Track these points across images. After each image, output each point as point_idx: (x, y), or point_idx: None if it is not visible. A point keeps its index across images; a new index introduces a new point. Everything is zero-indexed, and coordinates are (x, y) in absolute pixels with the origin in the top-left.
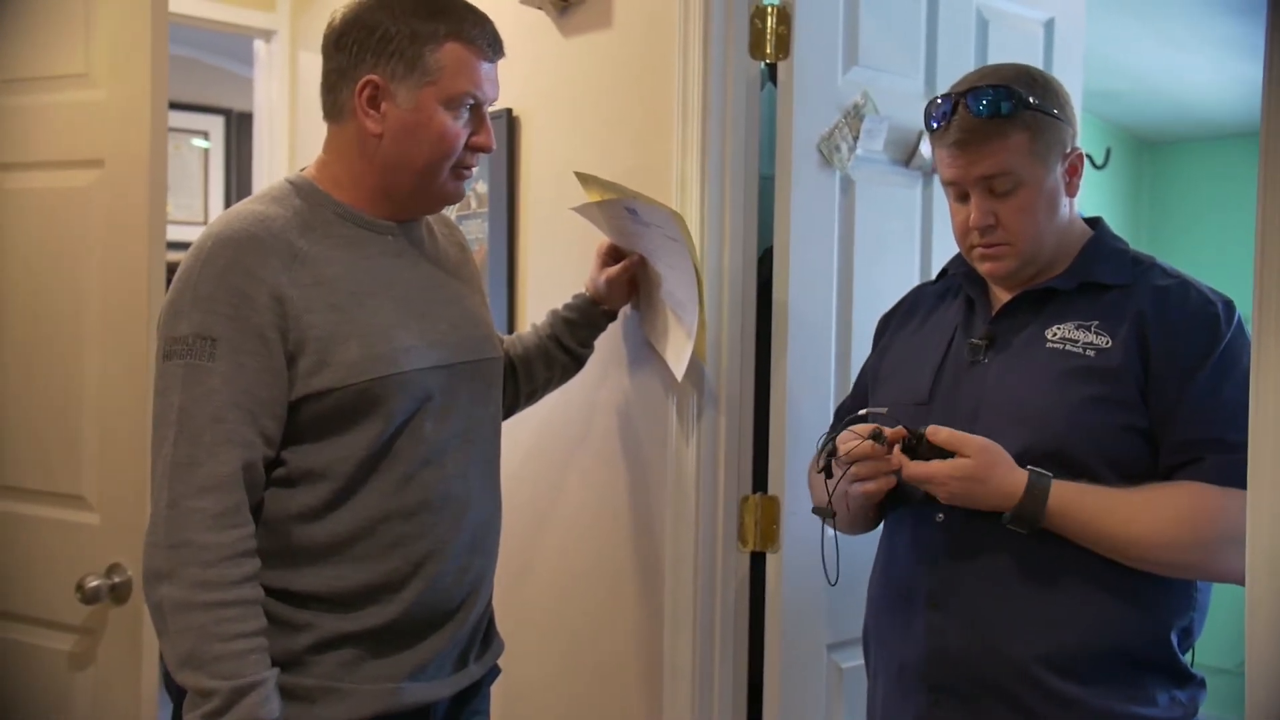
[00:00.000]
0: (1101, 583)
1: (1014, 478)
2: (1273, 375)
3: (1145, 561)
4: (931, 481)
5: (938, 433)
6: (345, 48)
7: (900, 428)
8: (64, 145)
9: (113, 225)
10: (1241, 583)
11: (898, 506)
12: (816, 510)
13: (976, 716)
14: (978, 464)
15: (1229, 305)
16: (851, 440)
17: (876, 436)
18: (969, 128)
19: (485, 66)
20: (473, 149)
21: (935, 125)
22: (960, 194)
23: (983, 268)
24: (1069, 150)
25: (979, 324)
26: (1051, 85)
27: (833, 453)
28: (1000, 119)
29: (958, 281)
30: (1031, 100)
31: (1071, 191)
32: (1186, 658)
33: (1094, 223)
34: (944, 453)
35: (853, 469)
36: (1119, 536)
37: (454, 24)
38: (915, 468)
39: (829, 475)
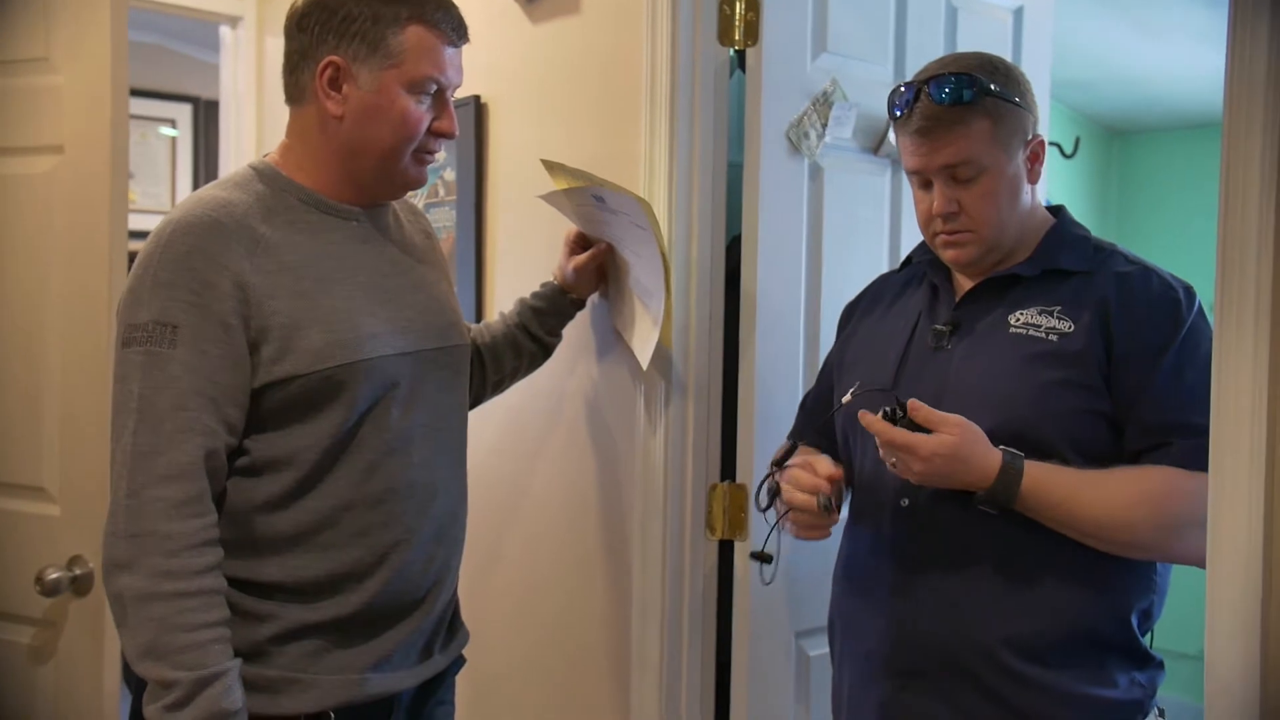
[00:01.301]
0: (1063, 566)
1: (991, 457)
2: (1233, 362)
3: (1113, 543)
4: (912, 452)
5: (918, 409)
6: (307, 29)
7: (831, 468)
8: (23, 130)
9: (73, 212)
10: (1204, 565)
11: (861, 493)
12: (754, 555)
13: (942, 700)
14: (960, 441)
15: (1189, 291)
16: (797, 493)
17: (826, 507)
18: (931, 115)
19: (449, 51)
20: (435, 134)
21: (898, 113)
22: (923, 182)
23: (946, 255)
24: (1030, 137)
25: (943, 310)
26: (1013, 73)
27: (775, 491)
28: (962, 106)
29: (922, 269)
30: (993, 88)
31: (1033, 179)
32: (1145, 640)
33: (1055, 211)
34: (920, 430)
35: (792, 514)
36: (1087, 518)
37: (417, 7)
38: (898, 434)
39: (773, 511)
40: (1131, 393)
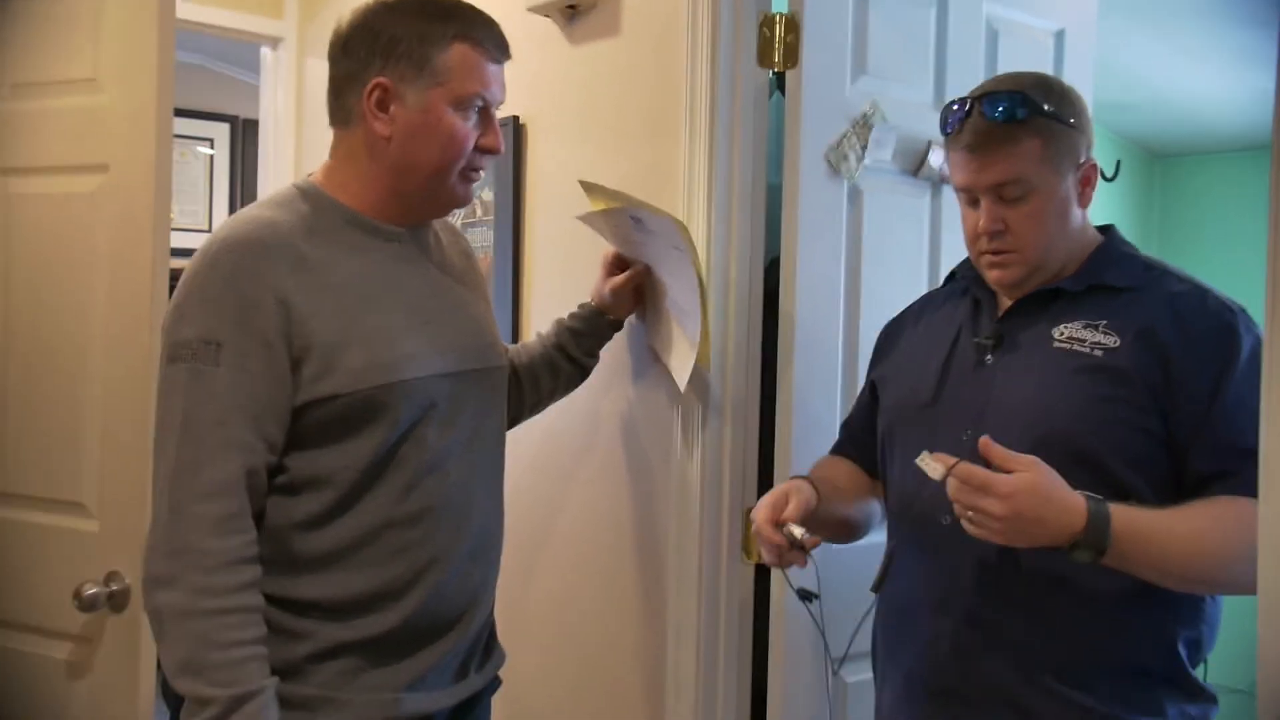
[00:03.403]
0: (1107, 590)
1: (1074, 498)
2: None
3: (1203, 582)
4: (989, 491)
5: (990, 447)
6: (353, 52)
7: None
8: (70, 150)
9: (117, 230)
10: None
11: (901, 512)
12: (800, 593)
13: None
14: (1038, 478)
15: (1245, 311)
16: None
17: (797, 545)
18: (982, 131)
19: (493, 68)
20: (481, 151)
21: (949, 129)
22: (971, 199)
23: (991, 275)
24: (1082, 160)
25: (985, 324)
26: (1068, 94)
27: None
28: (1014, 124)
29: (965, 283)
30: (1046, 107)
31: (1084, 202)
32: (1197, 672)
33: (1105, 230)
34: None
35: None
36: (1181, 556)
37: (461, 26)
38: (977, 473)
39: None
40: (1195, 416)
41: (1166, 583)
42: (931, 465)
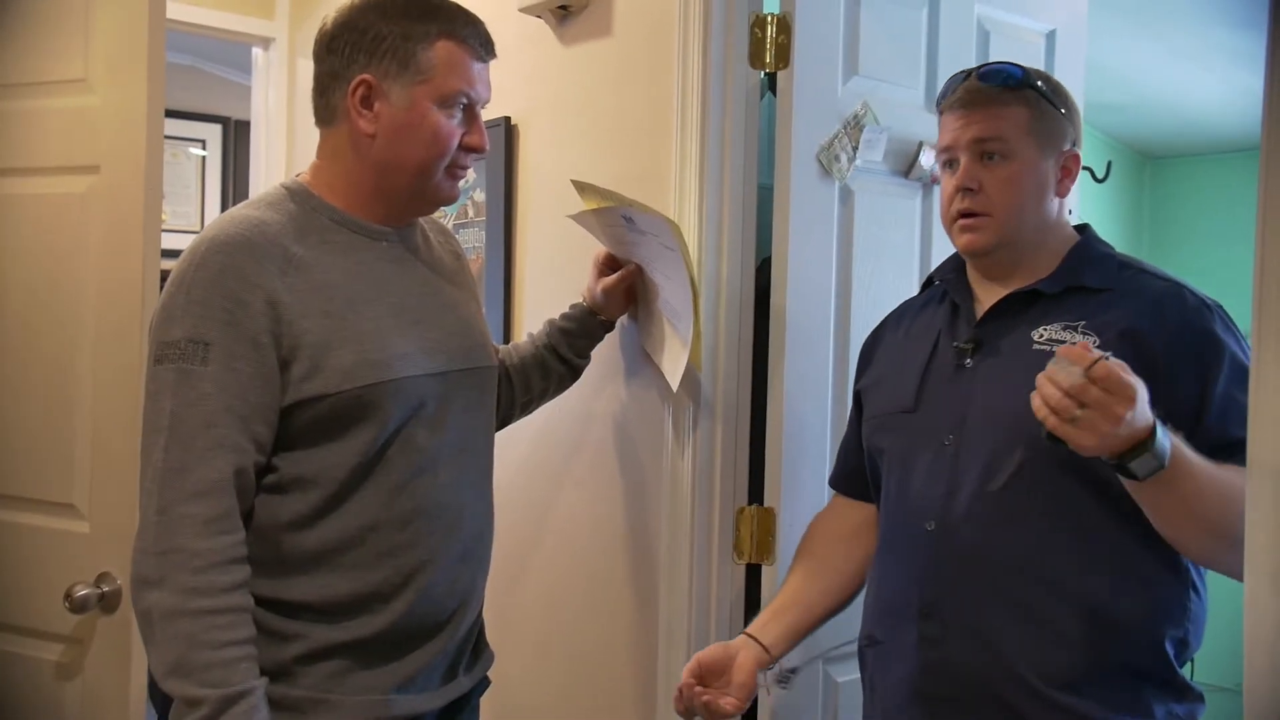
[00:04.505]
0: (1094, 592)
1: (1146, 409)
2: (1271, 389)
3: (1227, 538)
4: (1121, 391)
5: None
6: (337, 50)
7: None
8: (60, 150)
9: (108, 231)
10: None
11: (889, 517)
12: None
13: None
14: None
15: (1221, 307)
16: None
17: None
18: (974, 90)
19: (478, 66)
20: (466, 149)
21: (944, 95)
22: (952, 163)
23: (961, 240)
24: (1066, 148)
25: (963, 328)
26: (1060, 87)
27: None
28: (1006, 90)
29: (943, 288)
30: (1039, 84)
31: (1062, 192)
32: (1184, 671)
33: (1080, 229)
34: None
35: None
36: (1217, 503)
37: (446, 24)
38: (1116, 373)
39: None
40: (1187, 413)
41: (1190, 534)
42: (1068, 369)
